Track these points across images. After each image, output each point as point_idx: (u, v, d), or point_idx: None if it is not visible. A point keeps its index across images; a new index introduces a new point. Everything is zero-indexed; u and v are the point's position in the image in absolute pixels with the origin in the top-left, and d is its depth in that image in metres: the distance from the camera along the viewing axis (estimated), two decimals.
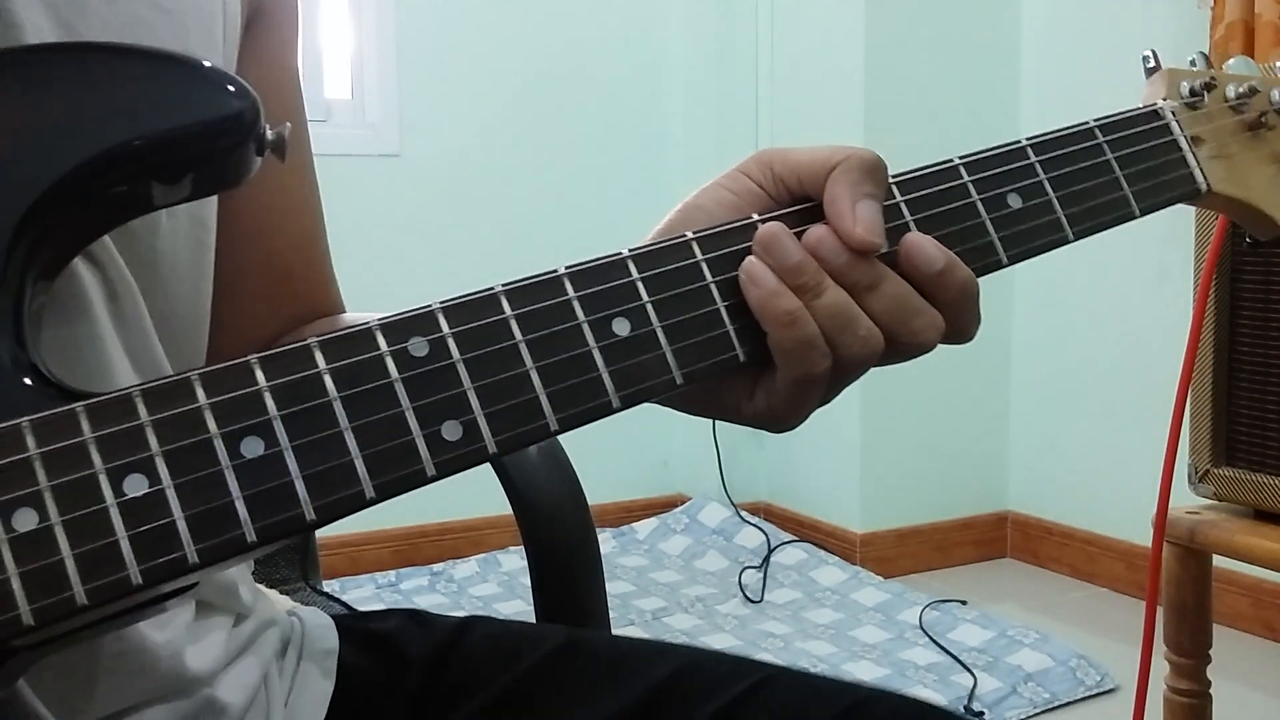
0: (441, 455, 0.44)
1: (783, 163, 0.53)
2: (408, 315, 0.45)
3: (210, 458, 0.41)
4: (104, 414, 0.41)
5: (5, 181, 0.43)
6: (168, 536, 0.40)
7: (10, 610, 0.39)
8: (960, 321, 0.52)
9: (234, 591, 0.62)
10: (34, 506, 0.39)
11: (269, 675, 0.64)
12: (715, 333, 0.49)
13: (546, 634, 0.70)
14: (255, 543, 0.41)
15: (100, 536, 0.40)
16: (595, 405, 0.47)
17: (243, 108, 0.45)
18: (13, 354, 0.43)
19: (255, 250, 0.67)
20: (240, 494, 0.41)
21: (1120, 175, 0.58)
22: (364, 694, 0.67)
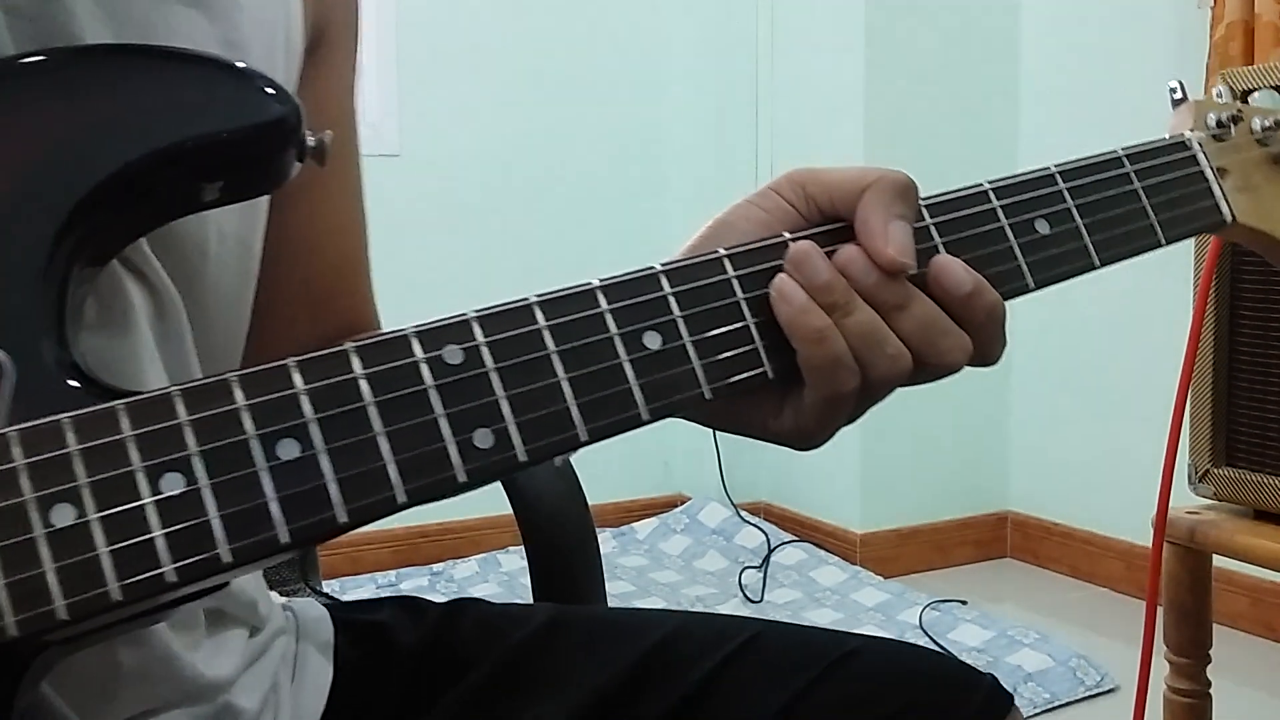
0: (473, 463, 0.44)
1: (815, 182, 0.54)
2: (443, 323, 0.46)
3: (246, 458, 0.42)
4: (143, 412, 0.42)
5: (56, 175, 0.44)
6: (202, 535, 0.41)
7: (45, 604, 0.39)
8: (987, 345, 0.53)
9: (253, 605, 0.64)
10: (72, 502, 0.40)
11: (279, 678, 0.65)
12: (744, 349, 0.50)
13: (534, 611, 0.72)
14: (288, 544, 0.42)
15: (136, 533, 0.40)
16: (625, 417, 0.47)
17: (285, 113, 0.46)
18: (55, 353, 0.44)
19: (302, 269, 0.68)
20: (275, 495, 0.42)
21: (1147, 204, 0.59)
22: (359, 685, 0.68)
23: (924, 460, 2.80)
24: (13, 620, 0.39)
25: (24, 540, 0.39)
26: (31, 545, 0.39)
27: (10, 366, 0.42)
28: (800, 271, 0.50)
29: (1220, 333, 1.27)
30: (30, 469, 0.40)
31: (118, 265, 0.51)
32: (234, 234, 0.58)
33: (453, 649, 0.69)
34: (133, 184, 0.45)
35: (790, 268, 0.51)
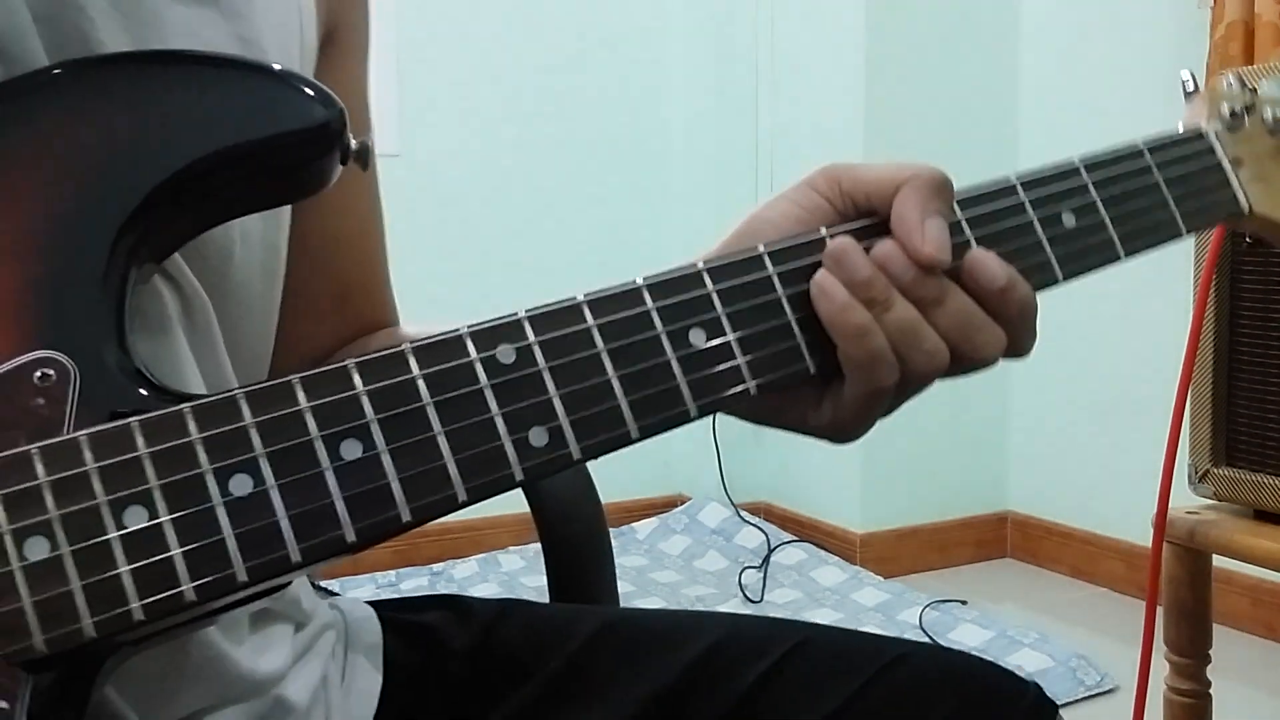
0: (529, 460, 0.46)
1: (851, 179, 0.54)
2: (495, 323, 0.47)
3: (311, 459, 0.43)
4: (209, 414, 0.43)
5: (116, 178, 0.45)
6: (273, 536, 0.42)
7: (121, 605, 0.40)
8: (1020, 337, 0.54)
9: (296, 601, 0.64)
10: (144, 504, 0.41)
11: (328, 674, 0.66)
12: (787, 345, 0.51)
13: (583, 616, 0.72)
14: (354, 543, 0.43)
15: (208, 535, 0.41)
16: (674, 414, 0.48)
17: (330, 116, 0.47)
18: (115, 353, 0.44)
19: (324, 271, 0.69)
20: (340, 495, 0.43)
21: (1168, 195, 0.60)
22: (410, 687, 0.69)
23: (924, 460, 2.80)
24: (90, 621, 0.40)
25: (99, 542, 0.40)
26: (106, 547, 0.40)
27: (74, 369, 0.43)
28: (840, 268, 0.51)
29: (1220, 333, 1.27)
30: (101, 472, 0.41)
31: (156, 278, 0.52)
32: (259, 235, 0.59)
33: (504, 655, 0.70)
34: (185, 188, 0.46)
35: (830, 264, 0.51)
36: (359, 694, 0.67)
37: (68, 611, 0.40)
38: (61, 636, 0.40)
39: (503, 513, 2.78)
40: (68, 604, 0.40)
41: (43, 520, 0.40)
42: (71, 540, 0.40)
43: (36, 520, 0.40)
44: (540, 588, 2.63)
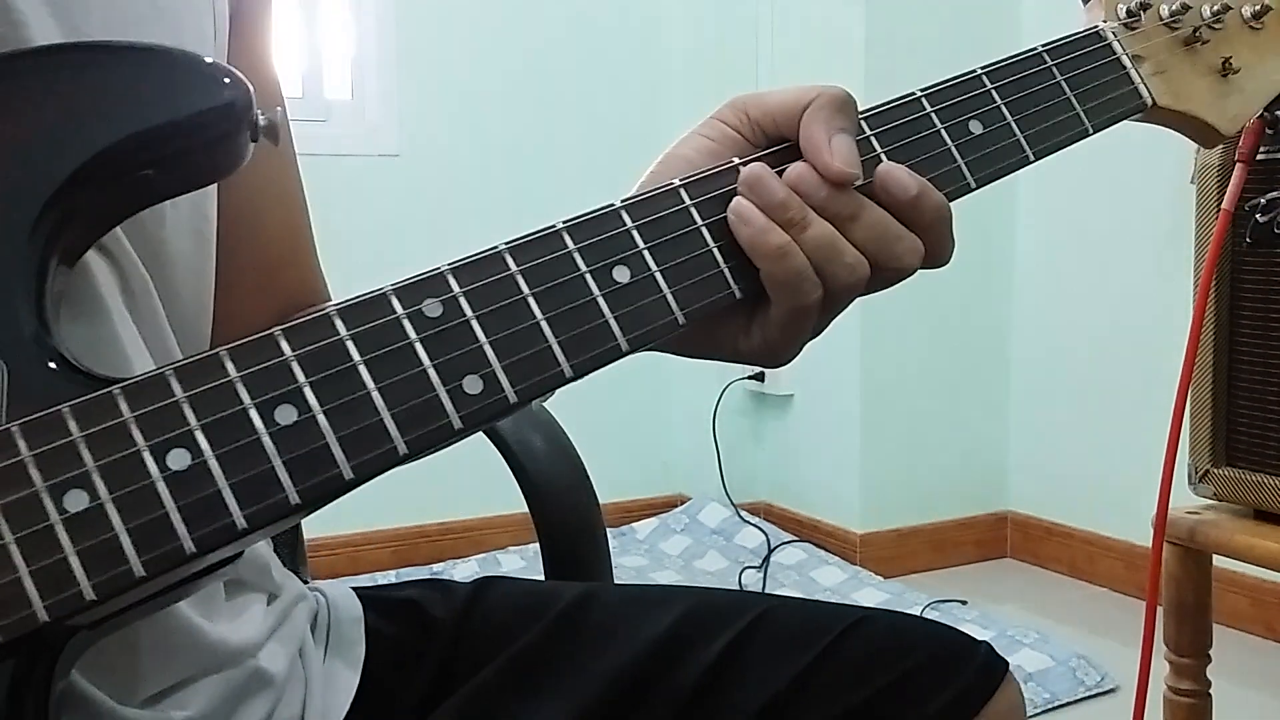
0: (466, 408, 0.46)
1: (757, 106, 0.56)
2: (418, 278, 0.48)
3: (248, 427, 0.43)
4: (140, 394, 0.43)
5: (27, 170, 0.45)
6: (216, 505, 0.42)
7: (71, 587, 0.40)
8: (937, 246, 0.55)
9: (266, 571, 0.65)
10: (84, 487, 0.41)
11: (304, 646, 0.67)
12: (710, 273, 0.52)
13: (561, 590, 0.74)
14: (299, 504, 0.43)
15: (151, 510, 0.42)
16: (605, 350, 0.49)
17: (235, 96, 0.48)
18: (41, 343, 0.44)
19: (247, 241, 0.69)
20: (280, 459, 0.43)
21: (1071, 96, 0.61)
22: (393, 657, 0.70)
23: (924, 460, 2.80)
24: (41, 606, 0.40)
25: (42, 528, 0.40)
26: (50, 532, 0.40)
27: (3, 366, 0.43)
28: (755, 193, 0.52)
29: (1220, 332, 1.27)
30: (37, 459, 0.41)
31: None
32: (187, 201, 0.59)
33: (485, 625, 0.71)
34: (99, 175, 0.46)
35: (745, 190, 0.53)
36: (340, 667, 0.68)
37: (18, 598, 0.40)
38: (14, 623, 0.40)
39: (503, 513, 2.78)
40: (18, 591, 0.40)
41: None
42: (14, 529, 0.40)
43: None
44: None
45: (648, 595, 0.73)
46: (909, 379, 2.72)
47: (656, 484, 3.15)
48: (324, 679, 0.66)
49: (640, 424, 3.06)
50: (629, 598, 0.73)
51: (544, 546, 0.87)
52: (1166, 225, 2.31)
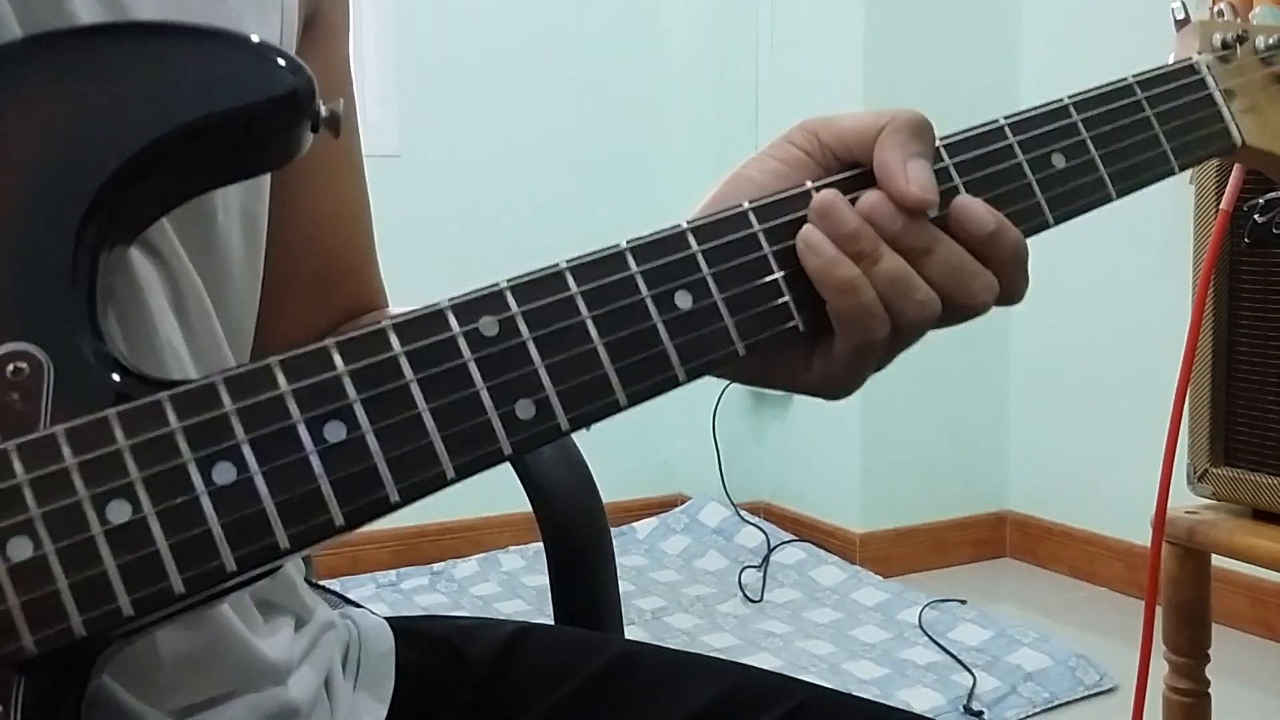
0: (517, 434, 0.45)
1: (829, 130, 0.53)
2: (477, 295, 0.46)
3: (295, 443, 0.42)
4: (189, 403, 0.42)
5: (79, 158, 0.44)
6: (259, 523, 0.41)
7: (110, 603, 0.39)
8: (1012, 283, 0.53)
9: (293, 589, 0.63)
10: (127, 498, 0.40)
11: (332, 677, 0.65)
12: (775, 303, 0.50)
13: (601, 645, 0.71)
14: (343, 526, 0.42)
15: (194, 526, 0.40)
16: (662, 379, 0.47)
17: (299, 84, 0.46)
18: (90, 341, 0.43)
19: (313, 252, 0.68)
20: (326, 478, 0.42)
21: (1159, 132, 0.58)
22: (423, 695, 0.68)
23: (924, 460, 2.80)
24: (79, 620, 0.39)
25: (83, 539, 0.39)
26: (91, 544, 0.39)
27: (47, 362, 0.42)
28: (826, 221, 0.50)
29: (1219, 332, 1.27)
30: (82, 467, 0.40)
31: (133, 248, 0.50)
32: (239, 205, 0.58)
33: (521, 673, 0.69)
34: (152, 165, 0.45)
35: (815, 218, 0.50)
36: (368, 701, 0.66)
37: (56, 611, 0.39)
38: (51, 637, 0.39)
39: (503, 512, 2.78)
40: (55, 604, 0.39)
41: (24, 520, 0.39)
42: (55, 539, 0.39)
43: (18, 520, 0.39)
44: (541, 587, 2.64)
45: (689, 664, 0.70)
46: (909, 379, 2.72)
47: (656, 484, 3.15)
48: (350, 712, 0.65)
49: (640, 424, 3.05)
50: (669, 663, 0.70)
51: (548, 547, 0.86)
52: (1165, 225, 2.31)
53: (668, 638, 2.32)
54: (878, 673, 2.13)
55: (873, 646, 2.26)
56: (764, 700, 0.66)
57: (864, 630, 2.35)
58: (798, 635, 2.34)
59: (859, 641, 2.29)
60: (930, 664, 2.16)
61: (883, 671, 2.13)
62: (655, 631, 2.36)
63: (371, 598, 2.57)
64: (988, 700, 2.01)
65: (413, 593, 2.63)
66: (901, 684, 2.07)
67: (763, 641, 2.30)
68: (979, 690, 2.03)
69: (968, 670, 2.11)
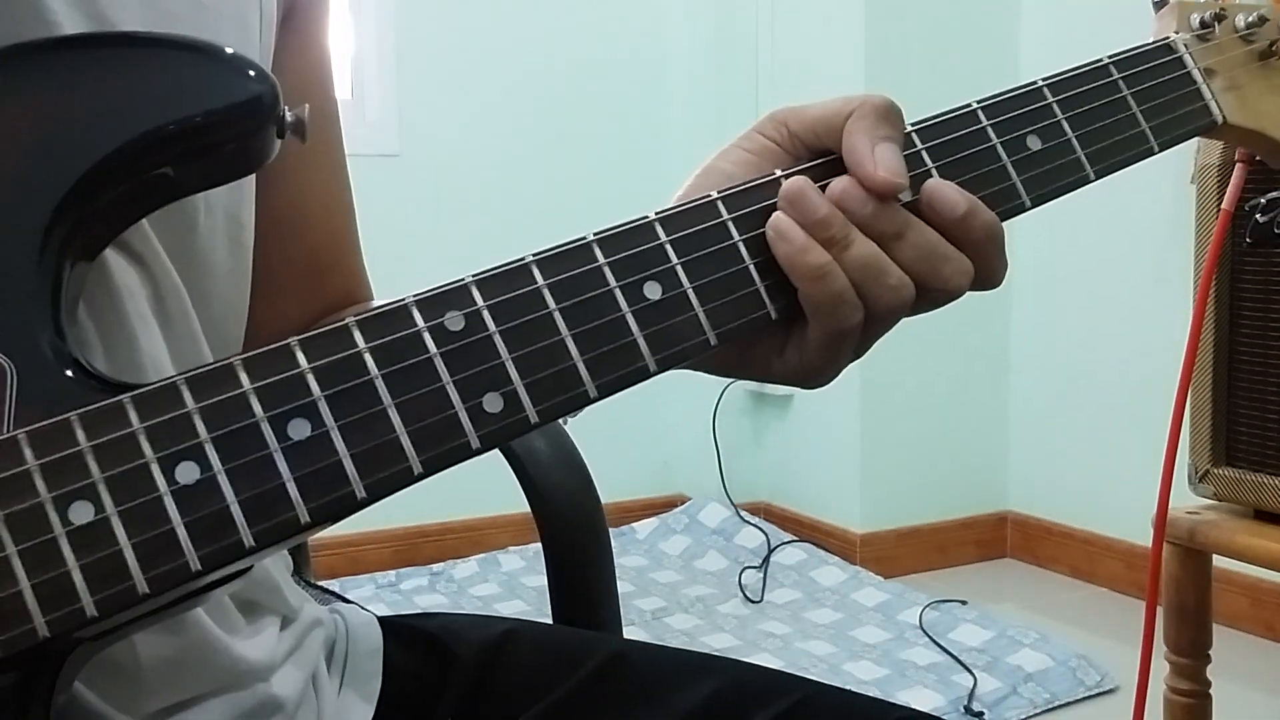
0: (485, 427, 0.45)
1: (797, 119, 0.53)
2: (442, 290, 0.46)
3: (259, 441, 0.42)
4: (151, 403, 0.42)
5: (41, 166, 0.44)
6: (223, 521, 0.41)
7: (73, 603, 0.39)
8: (988, 266, 0.52)
9: (278, 591, 0.63)
10: (89, 499, 0.40)
11: (317, 674, 0.64)
12: (745, 291, 0.49)
13: (594, 644, 0.71)
14: (309, 523, 0.42)
15: (157, 525, 0.40)
16: (632, 370, 0.47)
17: (262, 91, 0.46)
18: (53, 345, 0.43)
19: (294, 246, 0.68)
20: (291, 476, 0.42)
21: (1137, 111, 0.58)
22: (411, 692, 0.67)
23: (924, 460, 2.80)
24: (42, 621, 0.39)
25: (45, 540, 0.39)
26: (54, 545, 0.39)
27: (10, 367, 0.42)
28: (796, 208, 0.50)
29: (1220, 332, 1.27)
30: (43, 469, 0.40)
31: (111, 252, 0.50)
32: (221, 207, 0.58)
33: (511, 672, 0.69)
34: (116, 173, 0.45)
35: (785, 205, 0.50)
36: (354, 699, 0.66)
37: (19, 613, 0.39)
38: (14, 638, 0.39)
39: (503, 513, 2.78)
40: (19, 605, 0.39)
41: None
42: (17, 540, 0.39)
43: None
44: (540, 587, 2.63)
45: (682, 661, 0.70)
46: (909, 379, 2.72)
47: (656, 484, 3.15)
48: (337, 710, 0.64)
49: (640, 424, 3.05)
50: (662, 661, 0.70)
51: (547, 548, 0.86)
52: (1166, 225, 2.31)
53: (667, 638, 2.32)
54: (878, 673, 2.13)
55: (873, 647, 2.26)
56: (761, 697, 0.65)
57: (864, 631, 2.34)
58: (798, 636, 2.33)
59: (859, 642, 2.29)
60: (931, 664, 2.16)
61: (883, 672, 2.13)
62: (655, 632, 2.36)
63: (371, 598, 2.57)
64: (988, 701, 2.01)
65: (412, 593, 2.63)
66: (902, 684, 2.07)
67: (763, 642, 2.30)
68: (979, 691, 2.03)
69: (968, 671, 2.10)
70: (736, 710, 0.65)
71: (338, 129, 0.71)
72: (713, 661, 0.70)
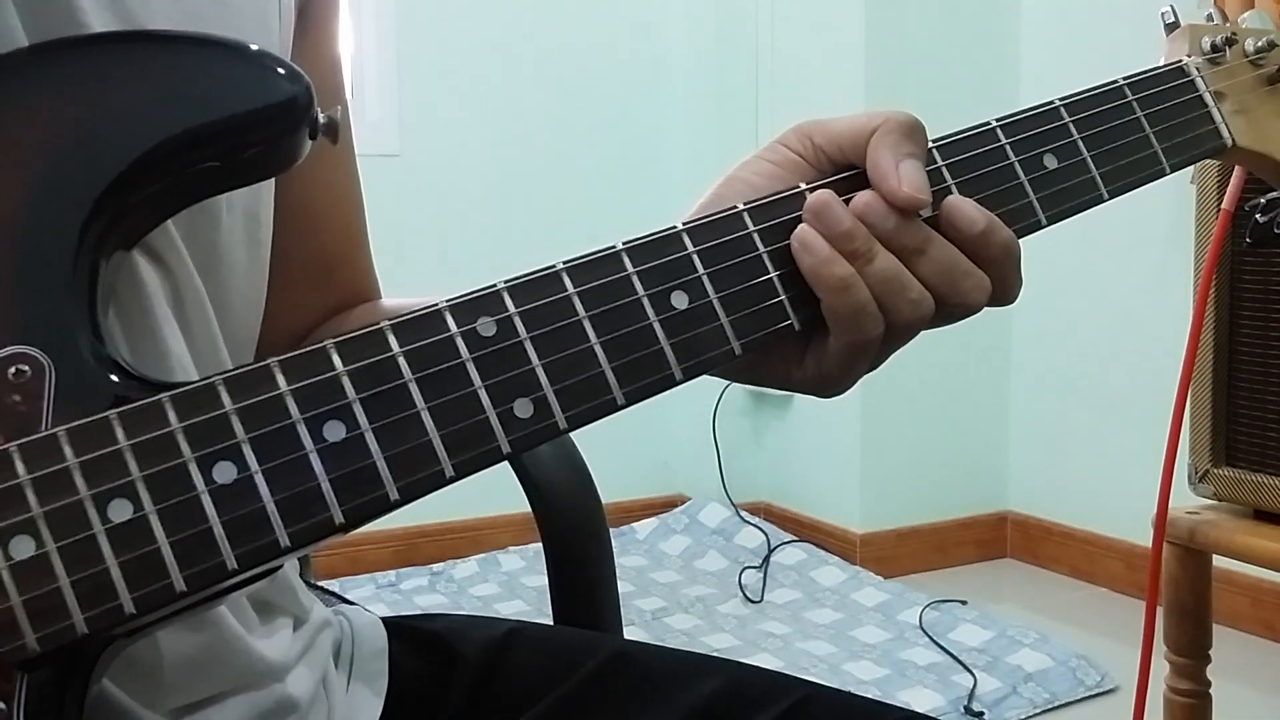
0: (515, 432, 0.45)
1: (822, 133, 0.54)
2: (474, 295, 0.46)
3: (295, 442, 0.43)
4: (189, 403, 0.42)
5: (78, 167, 0.44)
6: (260, 521, 0.42)
7: (112, 600, 0.40)
8: (1005, 283, 0.54)
9: (293, 593, 0.64)
10: (128, 497, 0.41)
11: (327, 674, 0.65)
12: (770, 302, 0.50)
13: (596, 644, 0.72)
14: (343, 524, 0.43)
15: (195, 524, 0.41)
16: (659, 378, 0.48)
17: (297, 92, 0.46)
18: (90, 343, 0.44)
19: (304, 242, 0.68)
20: (326, 476, 0.43)
21: (1150, 133, 0.59)
22: (417, 691, 0.68)
23: (924, 460, 2.80)
24: (81, 618, 0.40)
25: (85, 538, 0.40)
26: (93, 542, 0.40)
27: (49, 364, 0.42)
28: (821, 221, 0.51)
29: (1220, 333, 1.27)
30: (83, 467, 0.41)
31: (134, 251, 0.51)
32: (241, 205, 0.58)
33: (515, 672, 0.69)
34: (153, 171, 0.45)
35: (810, 217, 0.51)
36: (364, 696, 0.66)
37: (58, 609, 0.39)
38: (53, 634, 0.39)
39: (503, 513, 2.78)
40: (58, 601, 0.39)
41: (26, 519, 0.40)
42: (57, 537, 0.40)
43: (20, 519, 0.40)
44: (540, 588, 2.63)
45: (682, 662, 0.71)
46: (909, 379, 2.72)
47: (656, 484, 3.15)
48: (346, 710, 0.65)
49: (640, 424, 3.05)
50: (663, 661, 0.71)
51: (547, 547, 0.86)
52: (1166, 225, 2.31)
53: (668, 638, 2.32)
54: (878, 673, 2.13)
55: (873, 647, 2.26)
56: (761, 698, 0.66)
57: (864, 631, 2.34)
58: (798, 636, 2.34)
59: (859, 642, 2.29)
60: (931, 665, 2.16)
61: (883, 672, 2.13)
62: (655, 632, 2.36)
63: (371, 598, 2.57)
64: (988, 701, 2.01)
65: (412, 593, 2.63)
66: (902, 685, 2.07)
67: (763, 642, 2.30)
68: (979, 691, 2.03)
69: (968, 671, 2.11)
70: (736, 711, 0.65)
71: (348, 125, 0.72)
72: (713, 662, 0.71)
